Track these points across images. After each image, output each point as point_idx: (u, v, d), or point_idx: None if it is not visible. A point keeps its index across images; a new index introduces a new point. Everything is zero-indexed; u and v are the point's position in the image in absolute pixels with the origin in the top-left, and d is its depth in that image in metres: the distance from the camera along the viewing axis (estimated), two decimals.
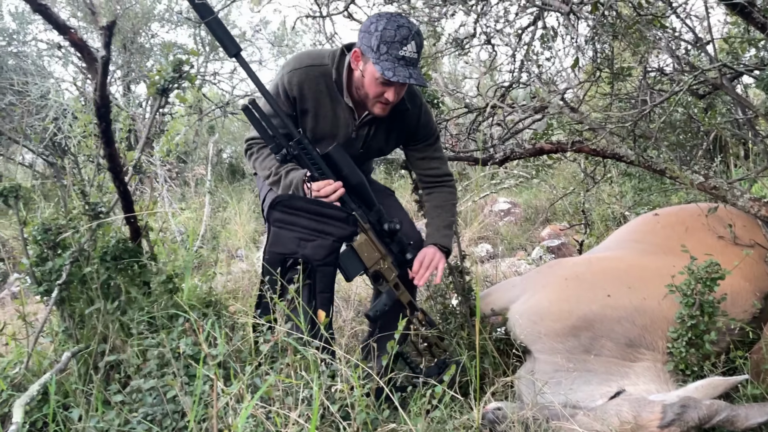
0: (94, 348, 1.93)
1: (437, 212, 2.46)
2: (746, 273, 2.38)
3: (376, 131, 2.36)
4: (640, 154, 2.74)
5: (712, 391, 1.85)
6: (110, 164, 1.74)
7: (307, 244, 2.02)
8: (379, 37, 2.04)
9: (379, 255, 2.17)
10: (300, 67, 2.23)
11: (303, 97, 2.23)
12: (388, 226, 2.18)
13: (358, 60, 2.16)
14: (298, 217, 2.02)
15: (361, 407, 1.39)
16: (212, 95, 9.66)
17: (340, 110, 2.29)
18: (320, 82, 2.24)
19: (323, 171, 2.13)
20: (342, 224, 2.07)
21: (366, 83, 2.15)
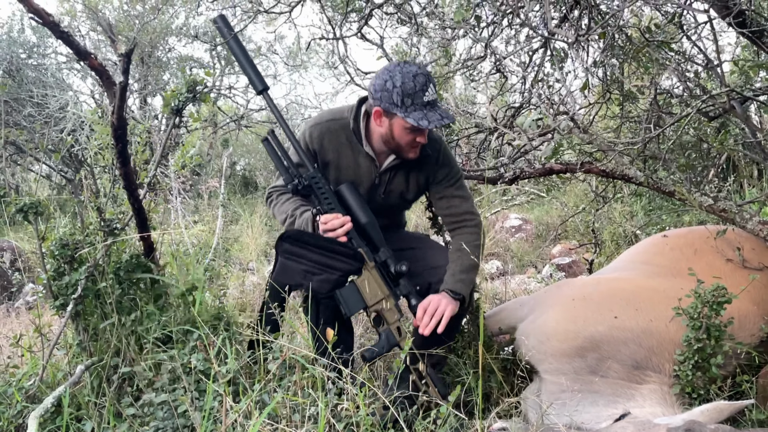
0: (107, 361, 1.98)
1: (456, 256, 2.35)
2: (754, 296, 2.38)
3: (396, 175, 2.41)
4: (649, 175, 2.75)
5: (718, 415, 1.86)
6: (125, 182, 1.79)
7: (313, 277, 2.04)
8: (401, 92, 2.12)
9: (381, 295, 2.12)
10: (320, 122, 2.35)
11: (323, 149, 2.31)
12: (394, 268, 2.16)
13: (380, 118, 2.24)
14: (306, 251, 2.04)
15: (366, 426, 1.42)
16: (227, 108, 9.78)
17: (361, 159, 2.36)
18: (340, 134, 2.33)
19: (333, 205, 2.16)
20: (349, 260, 2.09)
21: (396, 135, 2.23)
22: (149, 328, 1.99)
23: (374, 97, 2.21)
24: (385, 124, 2.23)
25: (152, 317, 2.02)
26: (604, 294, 2.47)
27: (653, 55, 2.56)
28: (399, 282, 2.18)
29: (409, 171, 2.41)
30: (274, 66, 9.08)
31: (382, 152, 2.37)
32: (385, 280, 2.15)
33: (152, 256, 2.12)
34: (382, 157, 2.38)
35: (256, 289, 4.46)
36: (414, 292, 2.20)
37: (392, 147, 2.29)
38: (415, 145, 2.26)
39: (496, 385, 2.37)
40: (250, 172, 10.60)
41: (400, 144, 2.25)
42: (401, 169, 2.40)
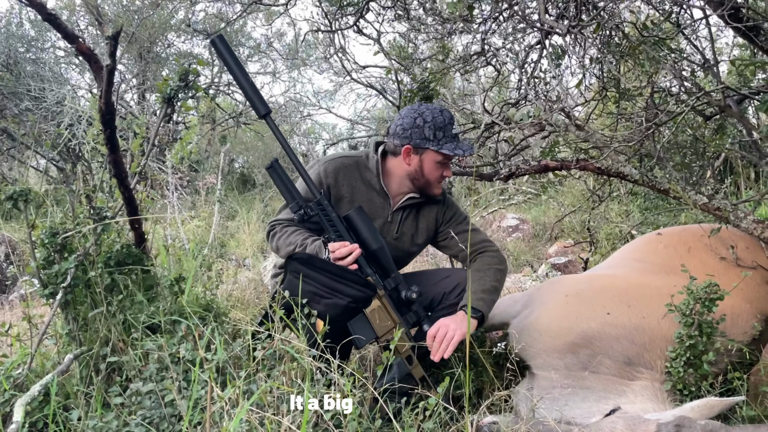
0: (96, 351, 1.97)
1: (477, 276, 2.34)
2: (747, 295, 2.38)
3: (408, 216, 2.45)
4: (644, 173, 2.75)
5: (708, 411, 1.85)
6: (115, 170, 1.78)
7: (321, 300, 1.99)
8: (432, 126, 2.25)
9: (392, 324, 2.09)
10: (335, 158, 2.39)
11: (338, 184, 2.34)
12: (405, 294, 2.13)
13: (410, 155, 2.31)
14: (315, 273, 2.01)
15: (353, 416, 1.41)
16: (226, 105, 9.77)
17: (375, 196, 2.40)
18: (354, 170, 2.38)
19: (341, 233, 2.14)
20: (359, 286, 2.05)
21: (426, 171, 2.32)
22: (138, 318, 1.98)
23: (402, 135, 2.29)
24: (415, 161, 2.31)
25: (141, 307, 2.01)
26: (597, 291, 2.46)
27: (650, 52, 2.55)
28: (410, 308, 2.17)
29: (418, 214, 2.47)
30: (273, 63, 9.08)
31: (397, 193, 2.42)
32: (395, 307, 2.13)
33: (143, 247, 2.11)
34: (396, 199, 2.43)
35: (251, 284, 4.46)
36: (426, 317, 2.18)
37: (420, 184, 2.36)
38: (441, 180, 2.35)
39: (487, 380, 2.36)
40: (248, 170, 10.59)
41: (429, 180, 2.33)
42: (412, 211, 2.45)
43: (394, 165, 2.38)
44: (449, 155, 2.26)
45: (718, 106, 2.53)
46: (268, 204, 8.13)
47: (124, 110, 7.77)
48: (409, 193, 2.41)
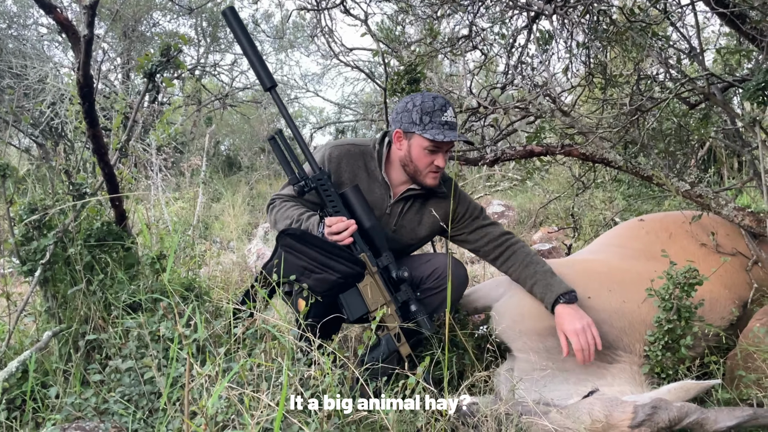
0: (75, 328, 1.95)
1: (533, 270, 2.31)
2: (726, 281, 2.41)
3: (409, 210, 2.41)
4: (628, 159, 2.76)
5: (685, 394, 1.88)
6: (94, 145, 1.75)
7: (311, 274, 2.01)
8: (420, 110, 2.20)
9: (383, 300, 2.11)
10: (341, 145, 2.37)
11: (340, 170, 2.32)
12: (396, 274, 2.14)
13: (401, 140, 2.29)
14: (307, 248, 2.02)
15: (332, 393, 1.41)
16: (212, 87, 9.67)
17: (376, 186, 2.37)
18: (359, 159, 2.36)
19: (338, 208, 2.16)
20: (349, 263, 2.07)
21: (414, 157, 2.27)
22: (119, 296, 1.96)
23: (395, 120, 2.28)
24: (405, 146, 2.28)
25: (122, 285, 1.99)
26: (578, 275, 2.48)
27: (636, 38, 2.56)
28: (400, 288, 2.16)
29: (423, 207, 2.42)
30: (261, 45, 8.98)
31: (399, 183, 2.39)
32: (386, 285, 2.13)
33: (124, 225, 2.09)
34: (397, 189, 2.40)
35: (235, 267, 4.44)
36: (414, 298, 2.17)
37: (410, 171, 2.32)
38: (433, 169, 2.28)
39: (469, 362, 2.38)
40: (234, 153, 10.51)
41: (418, 167, 2.28)
42: (416, 204, 2.41)
43: (393, 152, 2.36)
44: (431, 140, 2.20)
45: (703, 94, 2.54)
46: (254, 187, 8.09)
47: (108, 89, 7.66)
48: (409, 184, 2.39)
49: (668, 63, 2.59)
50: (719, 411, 1.75)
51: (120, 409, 1.64)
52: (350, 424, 1.52)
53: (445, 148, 2.27)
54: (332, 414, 1.44)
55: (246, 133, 10.29)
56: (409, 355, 2.08)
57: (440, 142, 2.20)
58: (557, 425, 1.79)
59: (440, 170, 2.31)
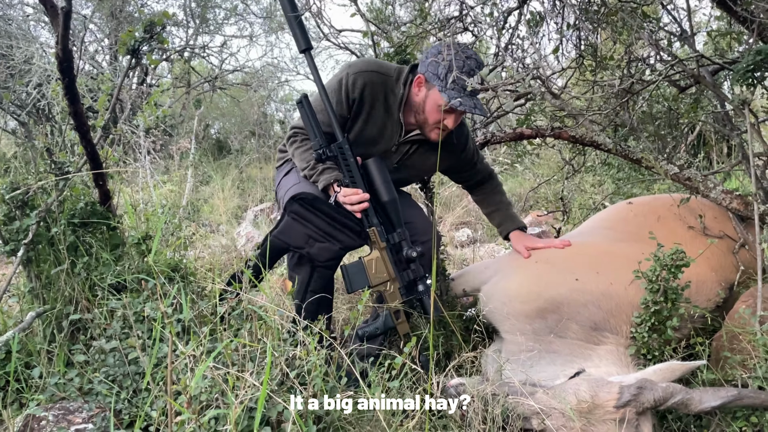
0: (60, 309, 1.93)
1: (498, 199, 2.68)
2: (713, 263, 2.42)
3: (415, 152, 2.38)
4: (617, 142, 2.75)
5: (670, 374, 1.89)
6: (76, 122, 1.72)
7: (315, 243, 2.01)
8: (448, 66, 2.10)
9: (387, 276, 2.09)
10: (366, 71, 2.24)
11: (362, 101, 2.24)
12: (406, 252, 2.11)
13: (421, 86, 2.21)
14: (315, 216, 2.01)
15: (317, 373, 1.40)
16: (201, 69, 9.57)
17: (389, 123, 2.31)
18: (380, 90, 2.26)
19: (355, 179, 2.11)
20: (354, 235, 2.06)
21: (427, 109, 2.21)
22: (103, 277, 1.95)
23: (423, 63, 2.20)
24: (422, 93, 2.22)
25: (107, 266, 1.97)
26: (566, 257, 2.48)
27: (627, 20, 2.54)
28: (409, 266, 2.14)
29: (430, 152, 2.38)
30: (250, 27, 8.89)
31: (411, 125, 2.34)
32: (393, 262, 2.11)
33: (108, 205, 2.07)
34: (408, 129, 2.35)
35: (225, 251, 4.42)
36: (423, 278, 2.15)
37: (420, 120, 2.27)
38: (441, 127, 2.22)
39: (457, 344, 2.38)
40: (224, 136, 10.43)
41: (427, 119, 2.23)
42: (423, 148, 2.37)
43: (411, 95, 2.28)
44: (446, 102, 2.11)
45: (693, 76, 2.53)
46: (244, 171, 8.05)
47: (95, 70, 7.56)
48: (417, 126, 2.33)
49: (659, 45, 2.57)
50: (704, 391, 1.76)
51: (104, 390, 1.63)
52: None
53: (459, 112, 2.22)
54: (318, 394, 1.44)
55: (236, 116, 10.20)
56: (406, 334, 2.08)
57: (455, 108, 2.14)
58: (543, 405, 1.79)
59: (447, 131, 2.26)
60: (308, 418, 1.36)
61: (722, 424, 1.87)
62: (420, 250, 2.13)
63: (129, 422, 1.60)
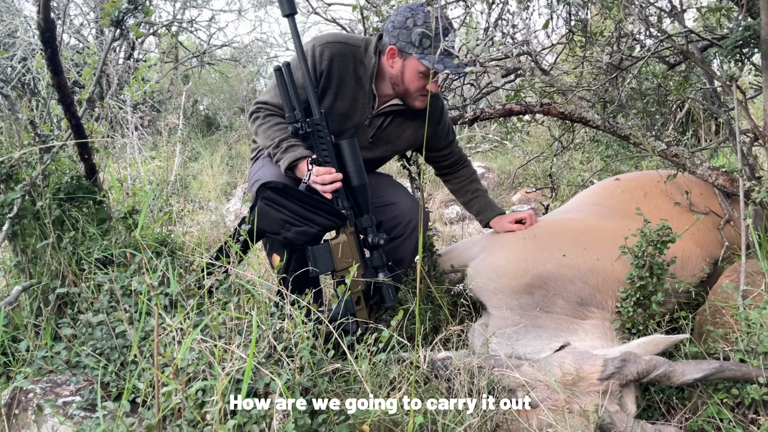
0: (46, 283, 1.93)
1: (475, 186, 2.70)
2: (698, 239, 2.44)
3: (390, 124, 2.32)
4: (606, 119, 2.76)
5: (654, 348, 1.91)
6: (60, 95, 1.69)
7: (291, 227, 1.96)
8: (421, 32, 2.05)
9: (352, 261, 2.06)
10: (333, 42, 2.19)
11: (330, 74, 2.19)
12: (372, 239, 2.08)
13: (394, 57, 2.15)
14: (288, 201, 1.96)
15: (304, 345, 1.41)
16: (189, 44, 9.45)
17: (360, 95, 2.26)
18: (349, 62, 2.21)
19: (329, 159, 2.05)
20: (331, 216, 2.01)
21: (407, 79, 2.17)
22: (90, 251, 1.94)
23: (391, 34, 2.12)
24: (398, 65, 2.16)
25: (94, 240, 1.96)
26: (554, 233, 2.50)
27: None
28: (373, 253, 2.12)
29: (405, 123, 2.32)
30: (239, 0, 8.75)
31: (385, 95, 2.29)
32: (359, 247, 2.09)
33: (94, 179, 2.05)
34: (382, 100, 2.29)
35: (214, 227, 4.41)
36: (385, 266, 2.12)
37: (400, 92, 2.22)
38: (425, 93, 2.18)
39: (444, 318, 2.40)
40: (213, 112, 10.33)
41: (409, 89, 2.18)
42: (398, 119, 2.32)
43: (383, 65, 2.22)
44: (429, 68, 2.07)
45: (681, 52, 2.52)
46: (233, 147, 8.00)
47: (81, 45, 7.44)
48: (395, 97, 2.28)
49: (648, 21, 2.56)
50: (686, 364, 1.79)
51: (91, 363, 1.64)
52: (323, 375, 1.52)
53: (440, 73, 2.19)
54: (305, 366, 1.45)
55: (225, 92, 10.10)
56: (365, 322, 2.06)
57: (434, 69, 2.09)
58: (528, 378, 1.81)
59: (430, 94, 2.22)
60: (295, 389, 1.37)
61: (704, 396, 1.90)
62: (386, 238, 2.11)
63: (116, 394, 1.60)
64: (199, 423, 1.28)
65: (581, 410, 1.76)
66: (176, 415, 1.32)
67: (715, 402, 1.84)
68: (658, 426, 1.75)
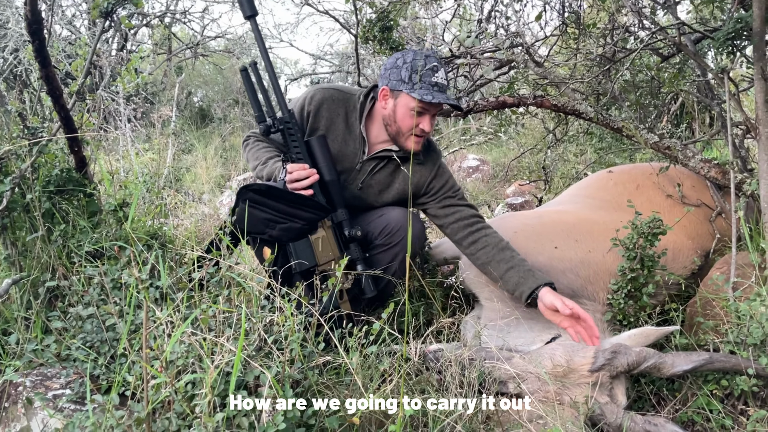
0: (36, 276, 1.92)
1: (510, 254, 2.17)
2: (690, 231, 2.45)
3: (381, 170, 2.31)
4: (599, 111, 2.76)
5: (644, 339, 1.92)
6: (48, 87, 1.68)
7: (276, 225, 1.98)
8: (410, 68, 2.09)
9: (332, 255, 2.07)
10: (327, 89, 2.28)
11: (318, 116, 2.24)
12: (348, 232, 2.09)
13: (386, 98, 2.18)
14: (271, 200, 1.97)
15: (294, 338, 1.41)
16: (183, 35, 9.39)
17: (350, 140, 2.28)
18: (340, 107, 2.27)
19: (302, 155, 2.09)
20: (315, 210, 2.03)
21: (399, 117, 2.17)
22: (80, 244, 1.93)
23: (383, 76, 2.17)
24: (390, 104, 2.18)
25: (84, 233, 1.95)
26: (546, 226, 2.50)
27: None
28: (350, 246, 2.12)
29: (397, 170, 2.31)
30: None
31: (378, 142, 2.30)
32: (338, 241, 2.09)
33: (85, 171, 2.04)
34: (374, 147, 2.30)
35: (208, 219, 4.40)
36: (363, 258, 2.13)
37: (393, 132, 2.21)
38: (417, 132, 2.17)
39: (436, 312, 2.40)
40: (207, 104, 10.29)
41: (401, 128, 2.17)
42: (389, 166, 2.31)
43: (377, 109, 2.27)
44: (418, 100, 2.08)
45: (674, 44, 2.52)
46: (227, 139, 7.97)
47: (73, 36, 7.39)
48: (388, 144, 2.28)
49: (642, 13, 2.56)
50: (676, 355, 1.80)
51: (81, 356, 1.63)
52: (313, 368, 1.53)
53: (432, 111, 2.16)
54: (295, 359, 1.45)
55: (219, 84, 10.05)
56: (349, 314, 2.06)
57: (428, 103, 2.09)
58: (519, 370, 1.82)
59: (424, 135, 2.20)
60: (285, 382, 1.37)
61: (694, 387, 1.91)
62: (363, 231, 2.12)
63: (107, 388, 1.60)
64: (189, 416, 1.28)
65: (572, 402, 1.77)
66: (166, 408, 1.32)
67: (704, 393, 1.85)
68: (649, 417, 1.76)
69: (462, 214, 2.28)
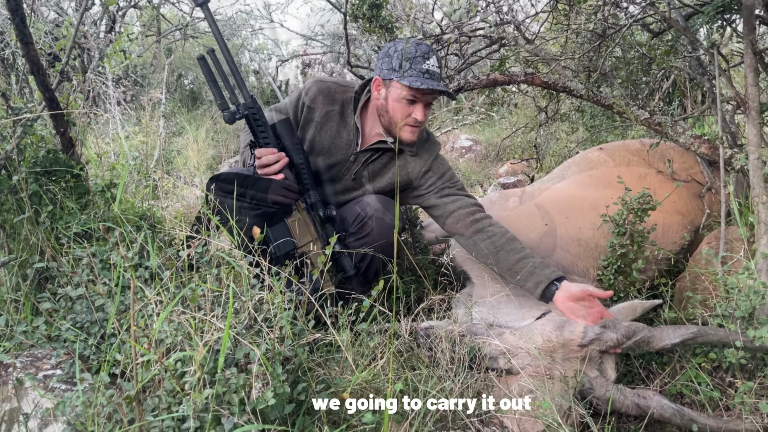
0: (25, 258, 1.91)
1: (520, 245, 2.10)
2: (680, 207, 2.46)
3: (374, 162, 2.28)
4: (590, 88, 2.75)
5: (632, 313, 1.94)
6: (30, 65, 1.65)
7: (250, 212, 1.97)
8: (400, 56, 2.07)
9: (310, 237, 2.06)
10: (325, 81, 2.28)
11: (313, 107, 2.25)
12: (323, 212, 2.08)
13: (380, 88, 2.16)
14: (240, 188, 1.95)
15: (283, 315, 1.41)
16: (172, 17, 9.28)
17: (345, 132, 2.27)
18: (336, 101, 2.27)
19: (269, 140, 2.06)
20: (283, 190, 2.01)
21: (391, 107, 2.14)
22: (69, 225, 1.92)
23: (377, 67, 2.16)
24: (382, 94, 2.15)
25: (72, 214, 1.94)
26: (537, 203, 2.50)
27: None
28: (325, 226, 2.11)
29: (391, 162, 2.28)
30: None
31: (373, 134, 2.27)
32: (313, 222, 2.08)
33: (72, 153, 2.02)
34: (368, 138, 2.28)
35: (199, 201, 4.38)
36: (338, 239, 2.10)
37: (386, 122, 2.19)
38: (411, 122, 2.14)
39: (427, 289, 2.41)
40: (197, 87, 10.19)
41: (394, 117, 2.14)
42: (383, 158, 2.28)
43: (371, 100, 2.25)
44: (408, 87, 2.04)
45: (664, 19, 2.51)
46: (218, 121, 7.91)
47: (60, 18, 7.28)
48: (383, 135, 2.25)
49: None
50: (665, 329, 1.81)
51: (71, 336, 1.63)
52: (304, 346, 1.53)
53: (425, 99, 2.11)
54: (285, 336, 1.45)
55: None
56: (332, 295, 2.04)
57: (418, 89, 2.05)
58: (510, 345, 1.83)
59: (419, 125, 2.15)
60: (275, 359, 1.37)
61: (682, 360, 1.93)
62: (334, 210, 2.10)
63: (97, 367, 1.60)
64: (179, 393, 1.28)
65: (561, 376, 1.78)
66: (156, 386, 1.33)
67: (693, 366, 1.87)
68: (638, 390, 1.78)
69: (463, 202, 2.23)
